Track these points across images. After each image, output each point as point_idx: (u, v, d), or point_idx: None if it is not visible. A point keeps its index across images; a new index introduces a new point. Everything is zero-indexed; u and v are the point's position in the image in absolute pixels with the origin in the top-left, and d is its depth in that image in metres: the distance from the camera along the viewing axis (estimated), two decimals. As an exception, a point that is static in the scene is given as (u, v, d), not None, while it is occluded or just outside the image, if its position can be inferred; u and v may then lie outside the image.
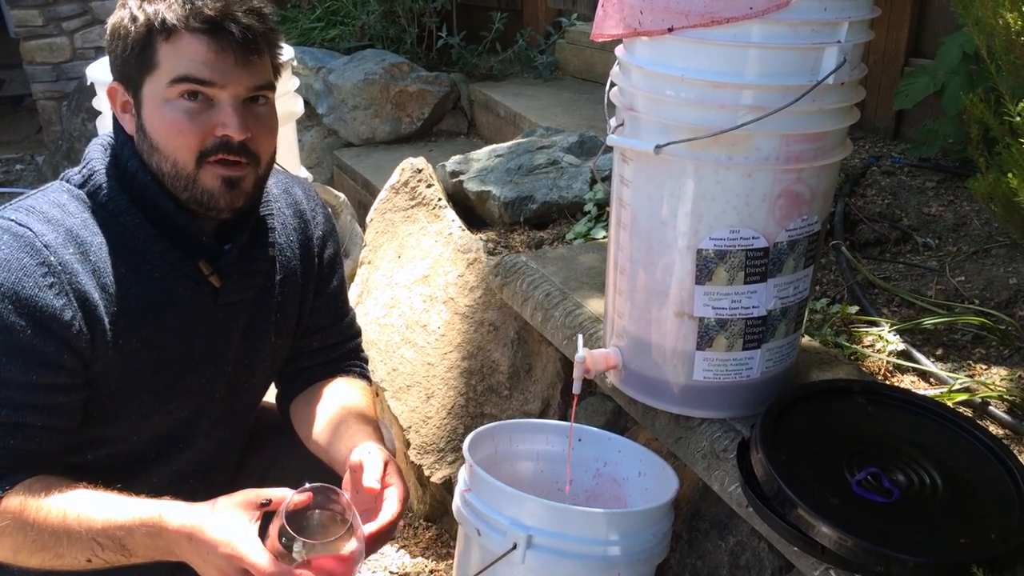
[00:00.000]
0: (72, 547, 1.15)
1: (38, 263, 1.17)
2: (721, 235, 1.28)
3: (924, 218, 2.13)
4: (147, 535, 1.14)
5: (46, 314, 1.16)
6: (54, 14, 5.52)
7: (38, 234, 1.18)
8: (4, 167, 5.50)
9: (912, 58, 2.54)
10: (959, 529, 1.14)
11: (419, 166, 2.52)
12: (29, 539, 1.15)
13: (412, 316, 2.32)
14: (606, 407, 1.84)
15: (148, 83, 1.21)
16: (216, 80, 1.19)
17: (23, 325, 1.15)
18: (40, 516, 1.15)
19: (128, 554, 1.16)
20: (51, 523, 1.15)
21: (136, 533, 1.14)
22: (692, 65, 1.22)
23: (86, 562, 1.16)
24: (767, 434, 1.26)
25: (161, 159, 1.23)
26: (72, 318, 1.18)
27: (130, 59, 1.21)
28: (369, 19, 4.45)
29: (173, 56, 1.19)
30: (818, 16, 1.17)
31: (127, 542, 1.15)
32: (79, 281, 1.19)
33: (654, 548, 1.35)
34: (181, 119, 1.20)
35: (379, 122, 3.90)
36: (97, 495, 1.18)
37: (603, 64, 3.80)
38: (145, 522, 1.14)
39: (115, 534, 1.14)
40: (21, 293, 1.15)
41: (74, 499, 1.17)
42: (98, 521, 1.15)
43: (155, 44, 1.19)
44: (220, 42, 1.18)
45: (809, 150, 1.26)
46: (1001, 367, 1.59)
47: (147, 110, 1.22)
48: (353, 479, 1.25)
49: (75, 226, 1.22)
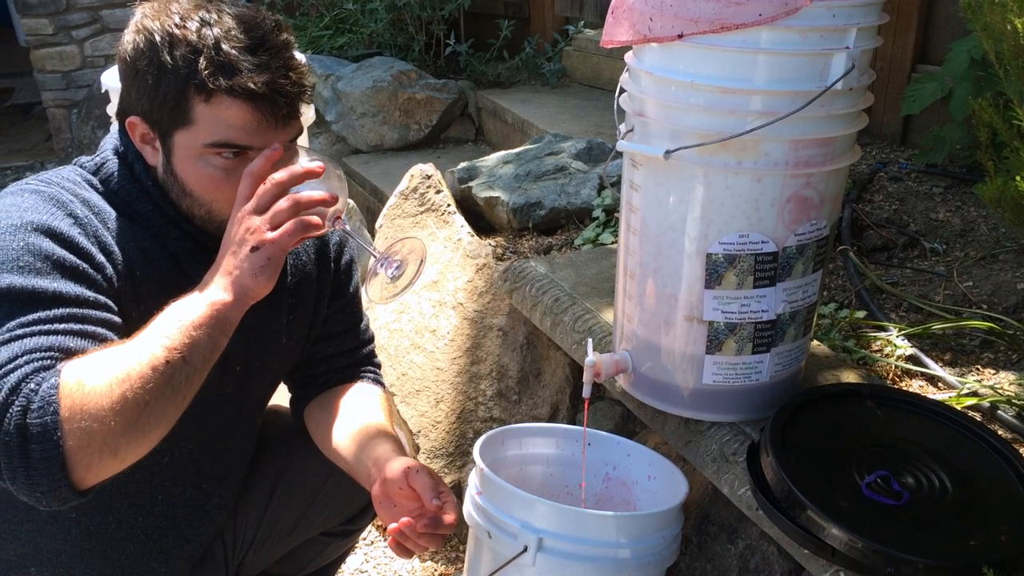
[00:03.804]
0: (143, 351, 1.05)
1: (66, 213, 1.16)
2: (730, 239, 1.29)
3: (931, 223, 2.13)
4: (204, 316, 1.09)
5: (82, 251, 1.15)
6: (64, 23, 5.56)
7: (58, 192, 1.18)
8: (15, 175, 5.52)
9: (919, 64, 2.55)
10: (969, 531, 1.14)
11: (428, 172, 2.53)
12: (112, 380, 1.03)
13: (421, 321, 2.33)
14: (615, 411, 1.84)
15: (181, 135, 1.19)
16: (256, 144, 1.17)
17: (64, 254, 1.12)
18: (103, 356, 1.05)
19: (193, 327, 1.08)
20: (117, 352, 1.06)
21: (196, 314, 1.09)
22: (701, 71, 1.23)
23: (164, 363, 1.05)
24: (777, 437, 1.27)
25: (194, 204, 1.23)
26: (102, 263, 1.17)
27: (160, 108, 1.18)
28: (377, 27, 4.47)
29: (212, 118, 1.16)
30: (827, 22, 1.18)
31: (182, 315, 1.09)
32: (103, 235, 1.19)
33: (664, 551, 1.35)
34: (219, 176, 1.19)
35: (387, 129, 3.91)
36: None
37: (610, 71, 3.81)
38: (180, 301, 1.11)
39: (172, 315, 1.09)
40: (56, 229, 1.13)
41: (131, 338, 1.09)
42: (158, 325, 1.09)
43: (190, 100, 1.15)
44: (264, 111, 1.16)
45: (818, 155, 1.26)
46: (1009, 371, 1.59)
47: (179, 159, 1.21)
48: (386, 491, 1.27)
49: (91, 199, 1.22)
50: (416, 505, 1.26)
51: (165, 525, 1.41)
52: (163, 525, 1.41)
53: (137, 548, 1.39)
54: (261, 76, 1.14)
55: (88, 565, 1.35)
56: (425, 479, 1.25)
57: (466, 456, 2.12)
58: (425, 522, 1.23)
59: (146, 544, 1.40)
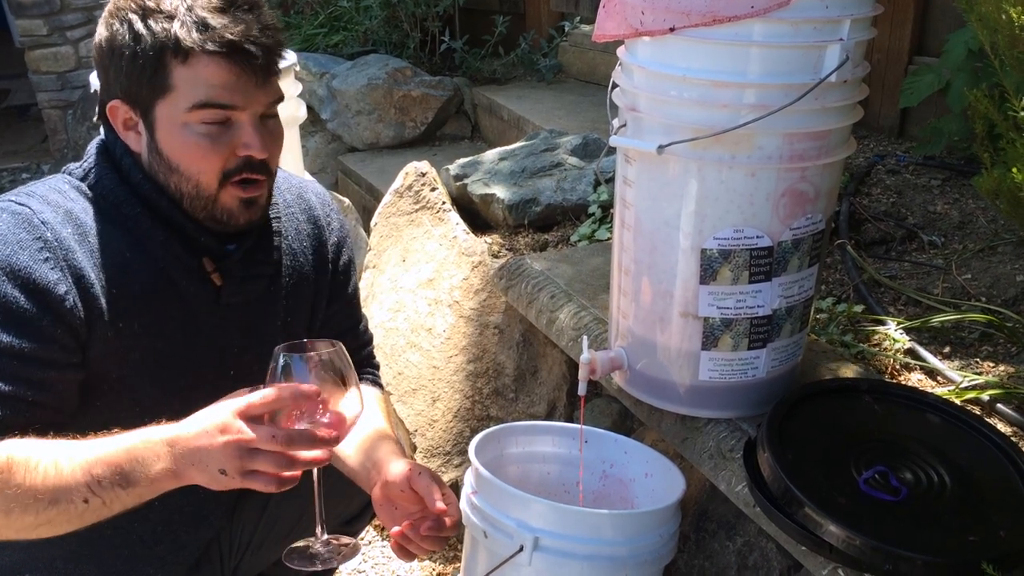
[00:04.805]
0: (67, 489, 1.08)
1: (34, 238, 1.16)
2: (725, 235, 1.28)
3: (930, 216, 2.12)
4: (137, 460, 1.09)
5: (40, 286, 1.15)
6: (59, 23, 5.55)
7: (36, 211, 1.18)
8: (11, 176, 5.52)
9: (916, 56, 2.54)
10: (968, 527, 1.14)
11: (423, 170, 2.52)
12: (20, 492, 1.08)
13: (417, 320, 2.32)
14: (612, 408, 1.83)
15: (162, 105, 1.19)
16: (238, 103, 1.18)
17: (16, 296, 1.14)
18: (31, 465, 1.09)
19: (127, 482, 1.09)
20: (41, 469, 1.09)
21: (131, 454, 1.09)
22: (694, 65, 1.22)
23: (83, 503, 1.08)
24: (773, 434, 1.26)
25: (181, 180, 1.22)
26: (66, 293, 1.17)
27: (139, 80, 1.19)
28: (372, 24, 4.45)
29: (191, 80, 1.16)
30: (820, 14, 1.17)
31: (124, 466, 1.09)
32: (75, 259, 1.18)
33: (661, 549, 1.34)
34: (204, 143, 1.19)
35: (383, 127, 3.90)
36: (84, 440, 1.13)
37: (606, 66, 3.80)
38: (137, 443, 1.10)
39: (112, 459, 1.09)
40: (15, 264, 1.14)
41: (62, 443, 1.11)
42: (91, 455, 1.10)
43: (168, 66, 1.16)
44: (241, 65, 1.16)
45: (812, 148, 1.25)
46: (1009, 364, 1.58)
47: (163, 132, 1.21)
48: (387, 494, 1.27)
49: (75, 209, 1.22)
50: (417, 507, 1.25)
51: (161, 531, 1.40)
52: (159, 531, 1.40)
53: (132, 554, 1.38)
54: (236, 27, 1.16)
55: (83, 572, 1.34)
56: (427, 481, 1.25)
57: (463, 455, 2.11)
58: (428, 524, 1.23)
59: (141, 550, 1.39)
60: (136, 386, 1.27)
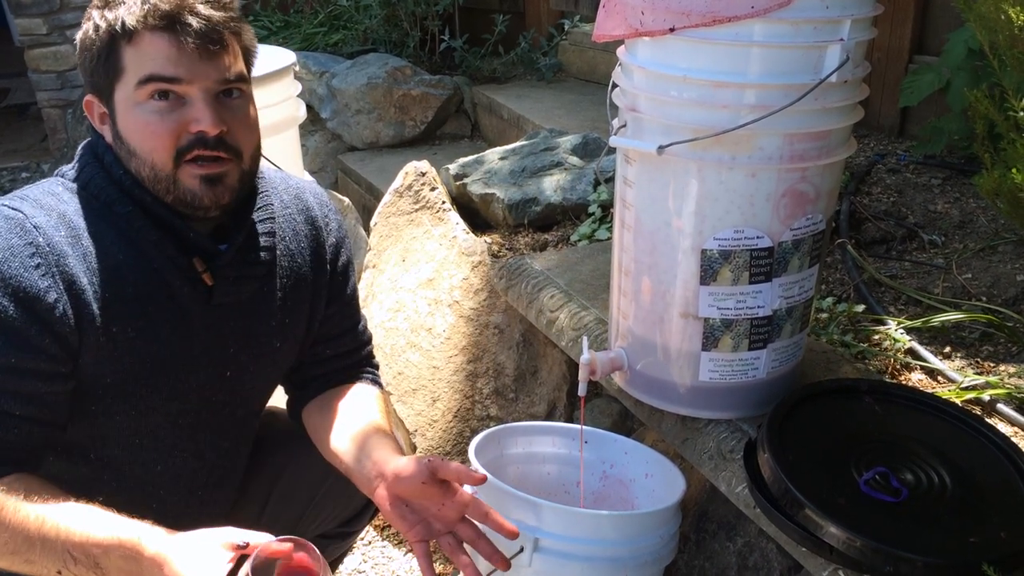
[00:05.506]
0: (45, 555, 1.11)
1: (26, 243, 1.16)
2: (725, 235, 1.28)
3: (930, 215, 2.12)
4: (123, 557, 1.11)
5: (29, 294, 1.15)
6: (58, 22, 5.54)
7: (28, 216, 1.18)
8: (10, 175, 5.51)
9: (916, 55, 2.53)
10: (968, 528, 1.13)
11: (423, 169, 2.52)
12: (1, 539, 1.11)
13: (417, 320, 2.31)
14: (612, 409, 1.83)
15: (118, 89, 1.21)
16: (182, 76, 1.18)
17: (4, 305, 1.14)
18: (17, 518, 1.11)
19: (101, 573, 1.12)
20: (28, 527, 1.11)
21: (112, 553, 1.11)
22: (694, 65, 1.22)
23: (56, 573, 1.12)
24: (774, 434, 1.26)
25: (140, 163, 1.22)
26: (56, 301, 1.16)
27: (98, 68, 1.21)
28: (372, 23, 4.45)
29: (137, 58, 1.18)
30: (820, 14, 1.17)
31: (102, 561, 1.11)
32: (67, 264, 1.18)
33: (662, 550, 1.34)
34: (153, 120, 1.19)
35: (383, 126, 3.90)
36: (79, 507, 1.15)
37: (606, 65, 3.79)
38: (124, 543, 1.11)
39: (91, 550, 1.11)
40: (5, 273, 1.14)
41: (55, 507, 1.13)
42: (76, 534, 1.11)
43: (119, 49, 1.18)
44: (180, 36, 1.17)
45: (813, 149, 1.25)
46: (1010, 364, 1.58)
47: (120, 116, 1.22)
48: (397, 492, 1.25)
49: (68, 212, 1.22)
50: (435, 502, 1.22)
51: None
52: None
53: None
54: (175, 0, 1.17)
55: None
56: (452, 464, 1.22)
57: (463, 455, 2.11)
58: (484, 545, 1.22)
59: None
60: (131, 390, 1.26)
